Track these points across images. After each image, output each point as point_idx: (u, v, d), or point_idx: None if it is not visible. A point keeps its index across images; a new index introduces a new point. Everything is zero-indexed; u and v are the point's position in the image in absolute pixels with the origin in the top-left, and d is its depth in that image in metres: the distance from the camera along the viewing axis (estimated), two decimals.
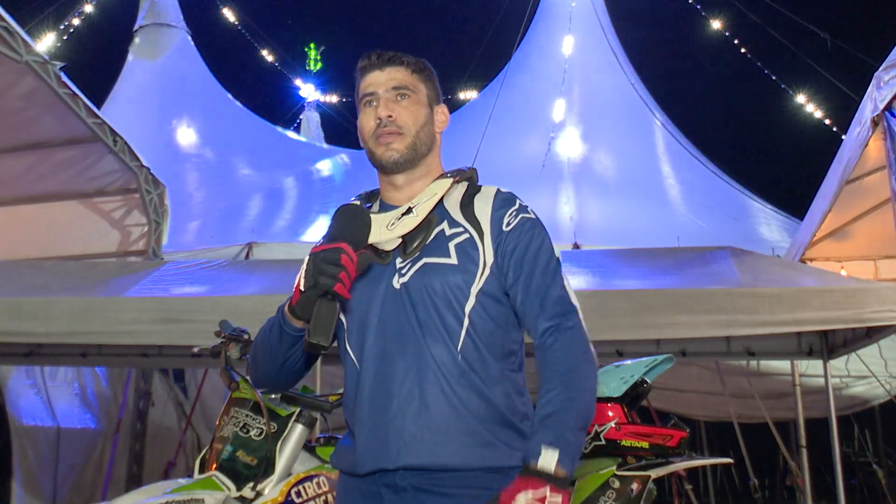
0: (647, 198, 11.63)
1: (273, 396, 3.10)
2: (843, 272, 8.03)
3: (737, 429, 7.70)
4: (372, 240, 1.90)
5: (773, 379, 8.17)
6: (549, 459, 1.64)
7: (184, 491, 2.89)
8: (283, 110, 22.35)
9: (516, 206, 1.96)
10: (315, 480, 3.04)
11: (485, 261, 1.89)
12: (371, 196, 2.09)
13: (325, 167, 14.68)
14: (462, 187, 2.02)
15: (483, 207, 1.95)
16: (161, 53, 15.99)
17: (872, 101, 6.20)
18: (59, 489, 7.89)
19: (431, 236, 1.92)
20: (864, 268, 8.50)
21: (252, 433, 3.05)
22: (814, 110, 14.33)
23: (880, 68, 6.14)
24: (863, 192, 7.32)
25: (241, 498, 2.93)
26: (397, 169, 1.97)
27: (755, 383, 7.77)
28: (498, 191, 1.99)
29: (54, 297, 5.43)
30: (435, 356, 1.82)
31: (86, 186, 8.05)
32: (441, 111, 2.08)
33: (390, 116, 1.95)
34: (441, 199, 1.97)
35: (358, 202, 2.03)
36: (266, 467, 2.97)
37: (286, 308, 1.87)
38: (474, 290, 1.87)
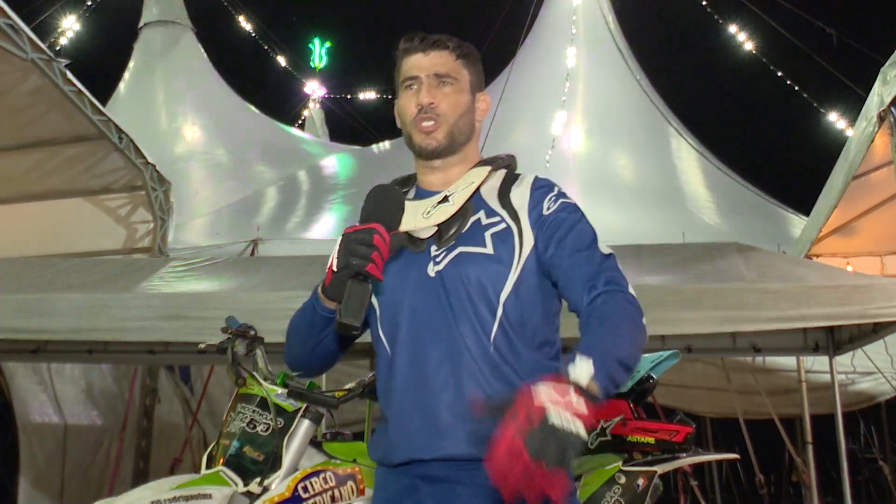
0: (653, 194, 11.63)
1: (279, 392, 3.10)
2: (850, 268, 8.02)
3: (742, 425, 7.70)
4: (407, 227, 1.89)
5: (778, 375, 8.16)
6: (581, 370, 1.53)
7: (191, 486, 2.90)
8: (287, 107, 22.38)
9: (555, 191, 1.94)
10: (322, 476, 3.04)
11: (521, 250, 1.86)
12: (407, 181, 2.08)
13: (330, 164, 14.70)
14: (500, 175, 2.01)
15: (520, 195, 1.94)
16: (166, 51, 16.03)
17: (878, 97, 6.19)
18: (67, 485, 7.90)
19: (467, 225, 1.90)
20: (870, 264, 8.50)
21: (259, 429, 3.06)
22: (819, 106, 14.30)
23: (886, 64, 6.12)
24: (869, 187, 7.31)
25: (248, 493, 2.94)
26: (434, 156, 1.97)
27: (761, 379, 7.76)
28: (536, 178, 1.98)
29: (60, 294, 5.44)
30: (468, 346, 1.81)
31: (91, 184, 8.07)
32: (482, 99, 2.05)
33: (432, 104, 1.94)
34: (478, 188, 1.95)
35: (395, 187, 2.02)
36: (273, 463, 2.98)
37: (319, 289, 1.88)
38: (510, 280, 1.84)
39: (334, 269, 1.79)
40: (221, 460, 3.08)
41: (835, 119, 13.75)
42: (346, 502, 3.07)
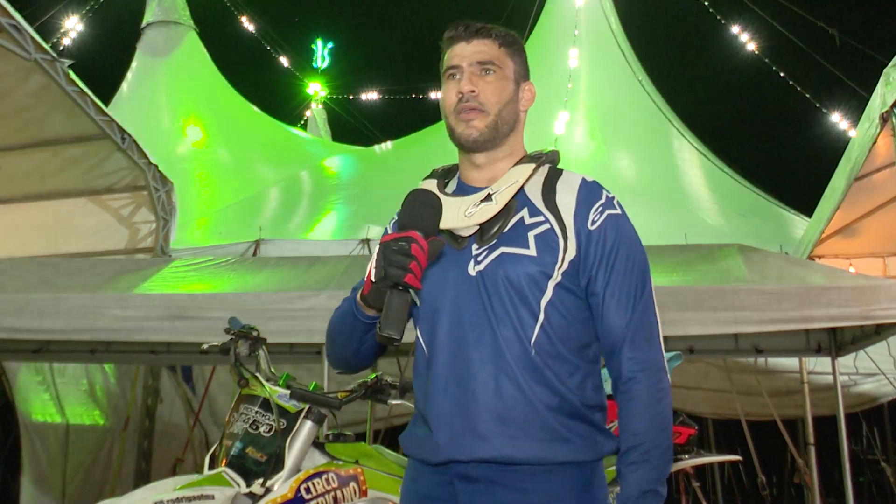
0: (654, 195, 11.61)
1: (282, 393, 3.10)
2: (852, 269, 8.02)
3: (745, 426, 7.69)
4: (449, 225, 1.85)
5: (781, 376, 8.16)
6: None
7: (194, 487, 2.90)
8: (290, 107, 22.39)
9: (602, 199, 1.88)
10: (324, 477, 3.04)
11: (564, 255, 1.82)
12: (449, 172, 2.03)
13: (332, 164, 14.70)
14: (543, 171, 1.94)
15: (566, 198, 1.87)
16: (169, 51, 16.04)
17: (881, 98, 6.19)
18: (68, 485, 7.91)
19: (510, 224, 1.85)
20: (872, 265, 8.49)
21: (261, 430, 3.06)
22: (822, 107, 14.29)
23: (889, 65, 6.12)
24: (871, 189, 7.30)
25: (251, 494, 2.94)
26: (477, 148, 1.91)
27: (763, 381, 7.76)
28: (583, 180, 1.91)
29: (63, 294, 5.45)
30: (509, 349, 1.78)
31: (94, 183, 8.07)
32: (528, 88, 2.00)
33: (473, 91, 1.88)
34: (522, 186, 1.90)
35: (433, 180, 1.98)
36: (275, 464, 2.98)
37: (358, 296, 1.85)
38: (552, 283, 1.81)
39: (372, 279, 1.75)
40: (224, 461, 3.08)
41: (837, 120, 13.73)
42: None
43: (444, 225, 1.84)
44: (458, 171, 2.01)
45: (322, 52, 24.18)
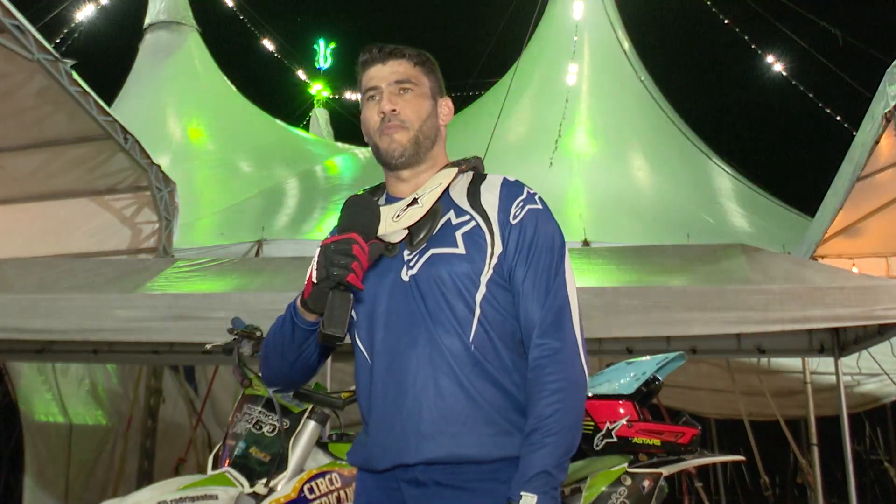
0: (656, 195, 11.61)
1: (285, 393, 3.10)
2: (855, 269, 8.00)
3: (747, 426, 7.68)
4: (379, 232, 1.89)
5: (783, 376, 8.14)
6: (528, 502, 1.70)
7: (197, 487, 2.90)
8: (292, 108, 22.39)
9: (524, 195, 1.94)
10: (328, 477, 3.05)
11: (493, 250, 1.87)
12: (376, 190, 2.08)
13: (334, 164, 14.71)
14: (468, 176, 2.01)
15: (490, 196, 1.94)
16: (171, 51, 16.04)
17: (884, 98, 6.17)
18: (71, 485, 7.92)
19: (438, 226, 1.91)
20: (875, 265, 8.48)
21: (265, 430, 3.06)
22: (825, 106, 14.28)
23: (892, 64, 6.10)
24: (874, 188, 7.28)
25: (254, 494, 2.94)
26: (402, 164, 1.96)
27: (766, 381, 7.74)
28: (504, 179, 1.98)
29: (66, 295, 5.45)
30: (448, 347, 1.81)
31: (97, 184, 8.08)
32: (445, 103, 2.06)
33: (394, 110, 1.94)
34: (447, 189, 1.96)
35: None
36: (279, 464, 2.98)
37: (298, 302, 1.87)
38: (483, 278, 1.85)
39: (314, 280, 1.77)
40: (228, 461, 3.08)
41: (840, 119, 13.72)
42: None
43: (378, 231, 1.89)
44: (385, 188, 2.06)
45: (324, 53, 24.19)
